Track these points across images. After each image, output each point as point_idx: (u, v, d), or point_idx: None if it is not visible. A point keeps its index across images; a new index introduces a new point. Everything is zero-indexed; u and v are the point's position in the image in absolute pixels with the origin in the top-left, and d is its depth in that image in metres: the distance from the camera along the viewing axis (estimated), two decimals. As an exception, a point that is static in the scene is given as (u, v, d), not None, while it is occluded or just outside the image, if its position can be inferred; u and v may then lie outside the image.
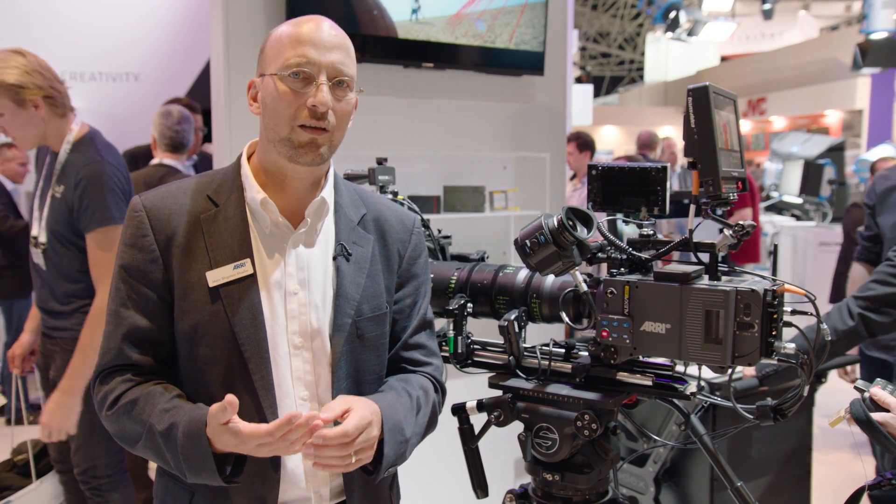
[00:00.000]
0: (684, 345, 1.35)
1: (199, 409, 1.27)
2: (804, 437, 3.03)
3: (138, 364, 1.36)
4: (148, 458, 1.34)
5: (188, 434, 1.24)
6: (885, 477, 1.61)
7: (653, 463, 2.82)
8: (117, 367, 1.36)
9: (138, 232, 1.36)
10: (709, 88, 1.34)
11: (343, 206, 1.46)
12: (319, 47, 1.31)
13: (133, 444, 1.33)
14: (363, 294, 1.42)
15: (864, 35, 9.15)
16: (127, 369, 1.36)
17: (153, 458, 1.33)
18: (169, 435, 1.26)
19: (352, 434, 1.23)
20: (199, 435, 1.23)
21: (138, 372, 1.36)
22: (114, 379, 1.35)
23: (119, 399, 1.33)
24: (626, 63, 24.78)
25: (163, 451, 1.28)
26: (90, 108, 6.49)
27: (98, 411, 1.37)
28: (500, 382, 1.64)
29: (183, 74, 6.57)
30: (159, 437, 1.27)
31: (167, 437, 1.27)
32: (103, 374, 1.37)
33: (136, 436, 1.31)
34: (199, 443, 1.23)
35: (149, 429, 1.29)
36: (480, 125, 3.41)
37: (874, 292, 2.38)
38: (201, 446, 1.23)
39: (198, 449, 1.24)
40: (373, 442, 1.29)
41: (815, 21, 18.60)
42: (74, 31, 6.43)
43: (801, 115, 15.16)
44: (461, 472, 1.69)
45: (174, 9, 6.64)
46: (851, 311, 2.38)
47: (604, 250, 1.52)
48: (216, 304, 1.33)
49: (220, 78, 2.85)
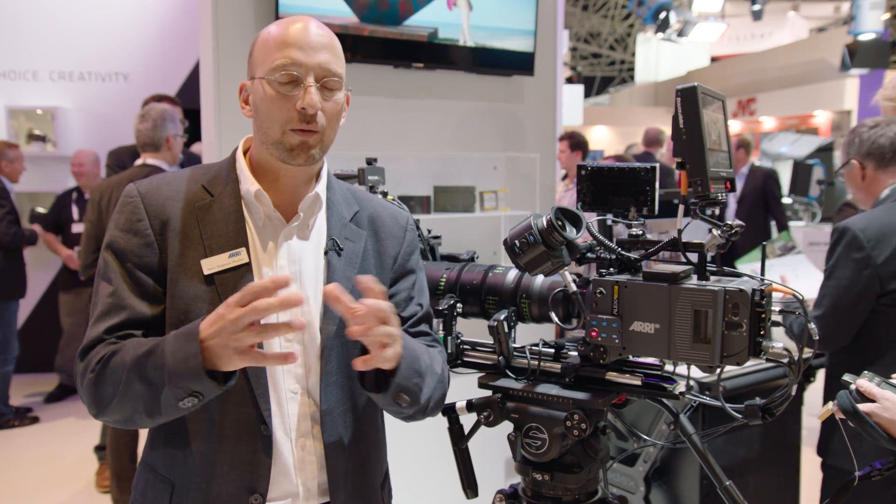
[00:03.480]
0: (673, 344, 1.35)
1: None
2: (793, 435, 3.05)
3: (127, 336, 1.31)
4: (124, 407, 1.26)
5: (178, 334, 1.21)
6: (874, 467, 1.62)
7: (643, 462, 2.82)
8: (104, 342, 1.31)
9: (133, 217, 1.35)
10: (697, 89, 1.34)
11: (336, 203, 1.47)
12: (306, 49, 1.32)
13: (111, 398, 1.26)
14: (354, 289, 1.42)
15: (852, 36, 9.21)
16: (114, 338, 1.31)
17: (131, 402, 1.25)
18: (156, 349, 1.21)
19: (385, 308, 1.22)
20: (191, 334, 1.19)
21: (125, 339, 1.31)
22: (98, 346, 1.30)
23: (103, 357, 1.27)
24: (616, 63, 24.84)
25: (145, 371, 1.21)
26: (79, 108, 6.48)
27: (80, 384, 1.31)
28: (489, 382, 1.64)
29: (172, 74, 6.55)
30: (143, 357, 1.22)
31: (152, 353, 1.21)
32: (87, 349, 1.31)
33: (116, 383, 1.25)
34: (189, 335, 1.18)
35: (133, 359, 1.23)
36: (471, 125, 3.41)
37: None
38: (191, 337, 1.18)
39: (186, 341, 1.18)
40: (398, 350, 1.27)
41: (804, 22, 18.70)
42: (64, 31, 6.40)
43: (790, 115, 15.22)
44: (451, 472, 1.69)
45: (164, 9, 6.61)
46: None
47: (593, 250, 1.52)
48: (210, 292, 1.33)
49: (209, 78, 2.84)
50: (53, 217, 5.69)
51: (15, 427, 5.16)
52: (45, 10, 6.35)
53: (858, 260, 2.28)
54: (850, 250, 2.30)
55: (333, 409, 1.40)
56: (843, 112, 13.74)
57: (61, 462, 4.59)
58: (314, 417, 1.40)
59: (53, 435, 5.06)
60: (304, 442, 1.40)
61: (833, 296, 2.33)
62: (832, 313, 2.33)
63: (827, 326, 2.33)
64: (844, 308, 2.31)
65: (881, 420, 1.56)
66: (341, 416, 1.42)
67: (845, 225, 2.33)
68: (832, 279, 2.34)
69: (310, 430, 1.40)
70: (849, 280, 2.30)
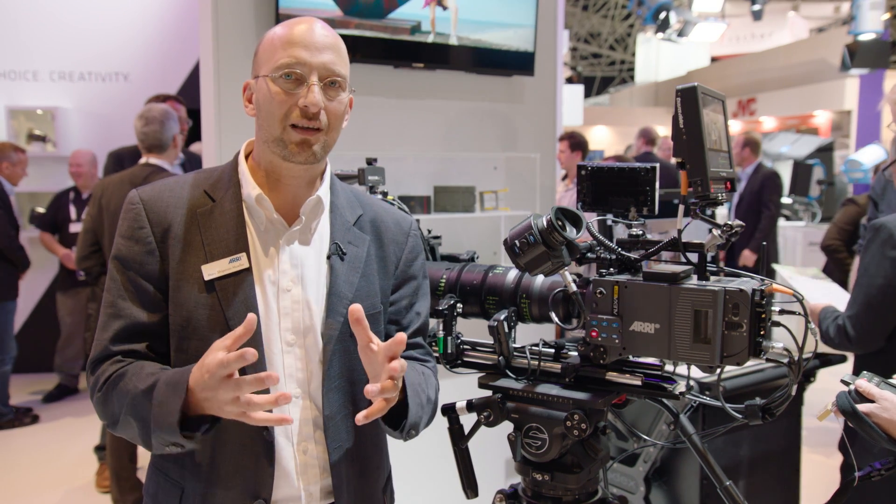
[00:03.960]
0: (673, 344, 1.35)
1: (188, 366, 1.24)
2: (793, 435, 3.05)
3: (132, 352, 1.35)
4: (127, 433, 1.30)
5: (169, 382, 1.23)
6: (874, 467, 1.62)
7: (643, 462, 2.82)
8: (112, 355, 1.34)
9: (135, 224, 1.36)
10: (697, 89, 1.34)
11: (339, 207, 1.46)
12: (311, 48, 1.32)
13: (117, 420, 1.30)
14: (356, 293, 1.42)
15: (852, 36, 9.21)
16: (120, 355, 1.34)
17: (132, 432, 1.29)
18: (151, 390, 1.24)
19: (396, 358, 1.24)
20: (179, 381, 1.21)
21: (133, 357, 1.35)
22: (106, 363, 1.34)
23: (109, 378, 1.31)
24: (616, 63, 24.83)
25: (139, 412, 1.25)
26: (80, 108, 6.48)
27: (91, 397, 1.36)
28: (489, 382, 1.64)
29: (173, 74, 6.55)
30: (140, 395, 1.25)
31: (148, 393, 1.24)
32: (96, 362, 1.35)
33: (118, 409, 1.29)
34: (177, 387, 1.20)
35: (132, 394, 1.26)
36: (471, 125, 3.41)
37: None
38: (178, 390, 1.20)
39: (172, 393, 1.20)
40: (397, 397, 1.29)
41: (804, 22, 18.69)
42: (64, 31, 6.40)
43: (790, 115, 15.22)
44: (452, 472, 1.69)
45: (164, 9, 6.61)
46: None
47: (593, 250, 1.52)
48: (211, 298, 1.33)
49: (209, 78, 2.84)
50: (51, 217, 5.68)
51: (15, 427, 5.16)
52: (46, 10, 6.35)
53: (894, 258, 2.20)
54: (885, 248, 2.22)
55: (336, 414, 1.40)
56: (844, 112, 13.73)
57: (61, 462, 4.59)
58: (316, 422, 1.40)
59: (53, 435, 5.06)
60: (307, 446, 1.40)
61: (867, 294, 2.24)
62: (866, 313, 2.24)
63: (861, 326, 2.25)
64: (880, 307, 2.22)
65: (880, 420, 1.55)
66: (343, 420, 1.42)
67: (881, 222, 2.25)
68: (866, 277, 2.25)
69: (311, 435, 1.40)
70: (884, 279, 2.21)
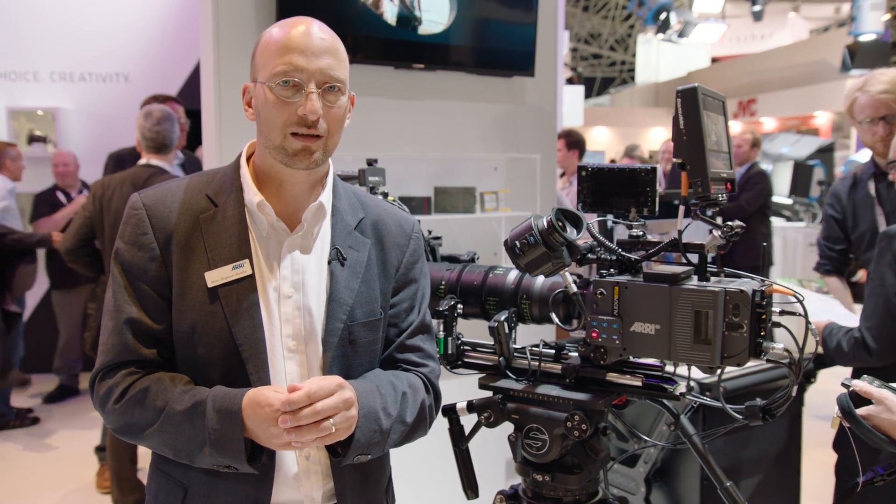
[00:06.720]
0: (674, 345, 1.35)
1: (229, 388, 1.29)
2: (794, 437, 3.04)
3: (142, 359, 1.34)
4: (154, 446, 1.32)
5: (220, 409, 1.25)
6: (877, 472, 1.61)
7: (643, 463, 2.82)
8: (121, 364, 1.34)
9: (138, 230, 1.35)
10: (698, 90, 1.34)
11: (341, 211, 1.44)
12: (308, 54, 1.30)
13: (141, 433, 1.31)
14: (357, 299, 1.41)
15: (852, 37, 9.22)
16: (130, 365, 1.34)
17: (162, 445, 1.31)
18: (195, 412, 1.26)
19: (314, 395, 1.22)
20: (232, 411, 1.24)
21: (142, 366, 1.34)
22: (118, 373, 1.33)
23: (128, 390, 1.31)
24: (617, 64, 24.84)
25: (182, 431, 1.27)
26: (80, 109, 6.48)
27: (100, 407, 1.35)
28: (490, 383, 1.64)
29: (173, 75, 6.54)
30: (180, 416, 1.27)
31: (192, 415, 1.26)
32: (105, 370, 1.34)
33: (146, 423, 1.29)
34: (233, 418, 1.24)
35: (166, 412, 1.28)
36: (471, 126, 3.41)
37: None
38: (234, 421, 1.24)
39: (230, 424, 1.24)
40: (351, 423, 1.28)
41: (804, 23, 18.71)
42: (65, 32, 6.40)
43: (790, 116, 15.23)
44: (452, 473, 1.69)
45: (164, 9, 6.61)
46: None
47: (593, 251, 1.52)
48: (215, 305, 1.32)
49: (209, 79, 2.84)
50: (40, 213, 5.64)
51: (15, 428, 5.16)
52: (46, 10, 6.35)
53: None
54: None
55: None
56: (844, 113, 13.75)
57: (62, 463, 4.58)
58: None
59: (53, 435, 5.06)
60: (309, 452, 1.39)
61: (888, 304, 2.14)
62: (886, 322, 2.14)
63: (882, 337, 2.15)
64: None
65: (880, 422, 1.53)
66: None
67: (894, 231, 2.16)
68: (882, 287, 2.15)
69: None
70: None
